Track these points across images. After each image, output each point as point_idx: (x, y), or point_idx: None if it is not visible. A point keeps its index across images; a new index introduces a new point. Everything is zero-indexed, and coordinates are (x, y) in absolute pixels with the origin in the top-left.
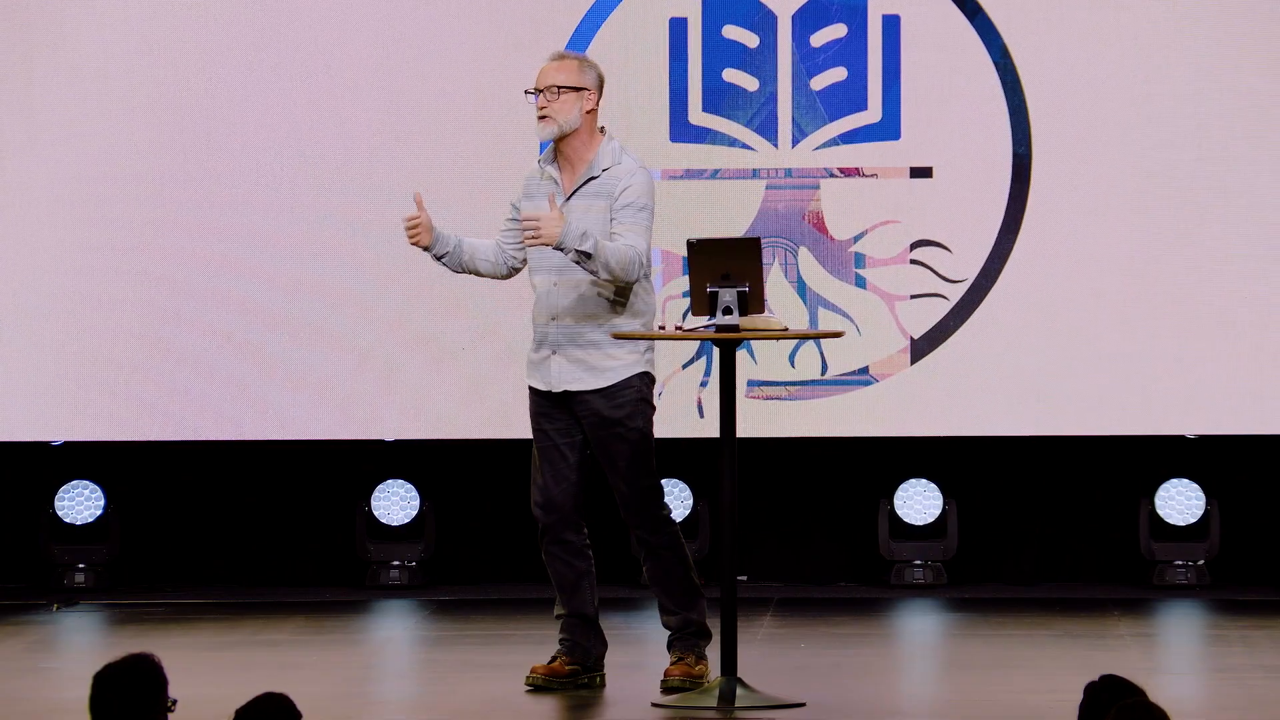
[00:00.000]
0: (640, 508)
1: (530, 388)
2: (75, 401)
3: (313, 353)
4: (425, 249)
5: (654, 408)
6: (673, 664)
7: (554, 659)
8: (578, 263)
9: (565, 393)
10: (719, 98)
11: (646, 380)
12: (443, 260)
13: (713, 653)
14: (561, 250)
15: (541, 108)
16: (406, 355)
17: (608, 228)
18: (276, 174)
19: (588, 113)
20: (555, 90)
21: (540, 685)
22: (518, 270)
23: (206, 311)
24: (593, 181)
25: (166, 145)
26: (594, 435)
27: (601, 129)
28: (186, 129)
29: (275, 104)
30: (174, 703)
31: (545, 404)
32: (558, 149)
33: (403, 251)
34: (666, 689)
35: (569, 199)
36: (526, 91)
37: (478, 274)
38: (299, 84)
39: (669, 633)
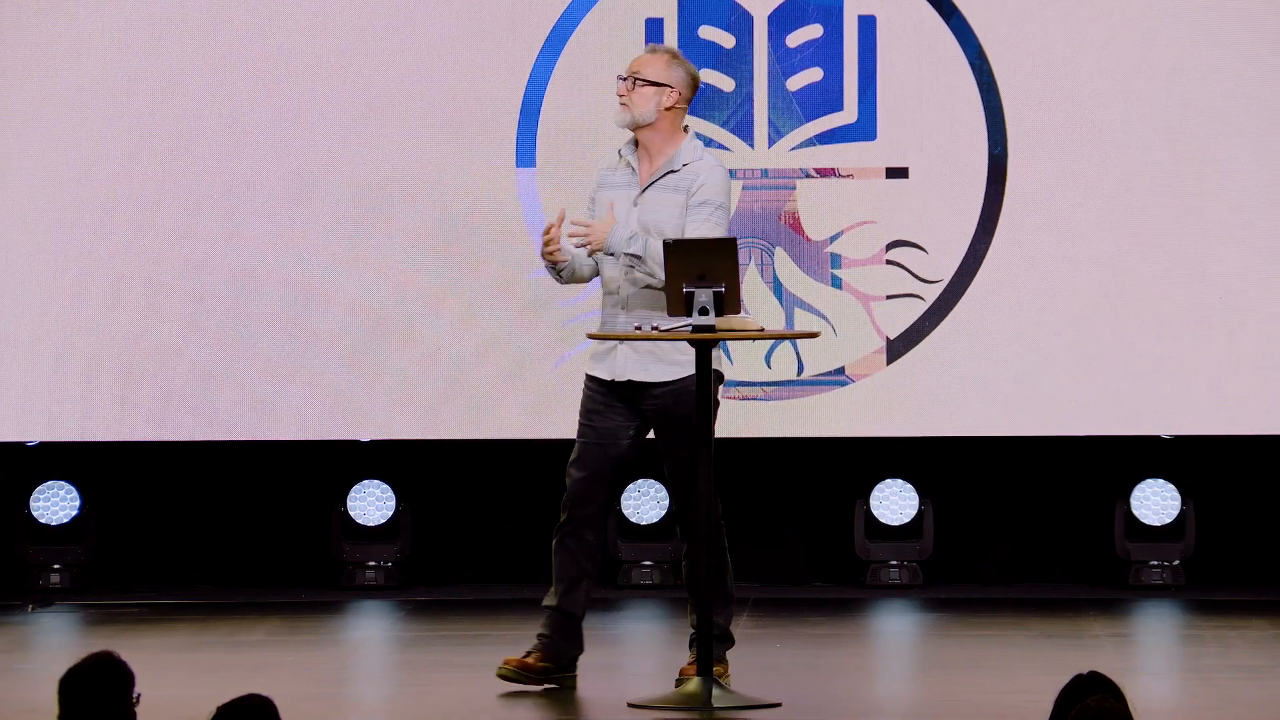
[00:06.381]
0: (694, 505)
1: (589, 379)
2: (51, 402)
3: (289, 353)
4: (556, 264)
5: (718, 404)
6: (690, 663)
7: (529, 654)
8: (630, 266)
9: (630, 384)
10: (695, 98)
11: (715, 378)
12: (561, 274)
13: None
14: (611, 255)
15: (620, 94)
16: (383, 355)
17: (681, 222)
18: (252, 174)
19: (667, 109)
20: (634, 81)
21: (511, 677)
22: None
23: (183, 312)
24: (672, 175)
25: (143, 145)
26: (659, 429)
27: (685, 128)
28: (163, 130)
29: (251, 104)
30: (138, 697)
31: (603, 397)
32: (637, 139)
33: (380, 250)
34: (678, 684)
35: (645, 190)
36: (619, 76)
37: (583, 280)
38: (277, 84)
39: (692, 631)
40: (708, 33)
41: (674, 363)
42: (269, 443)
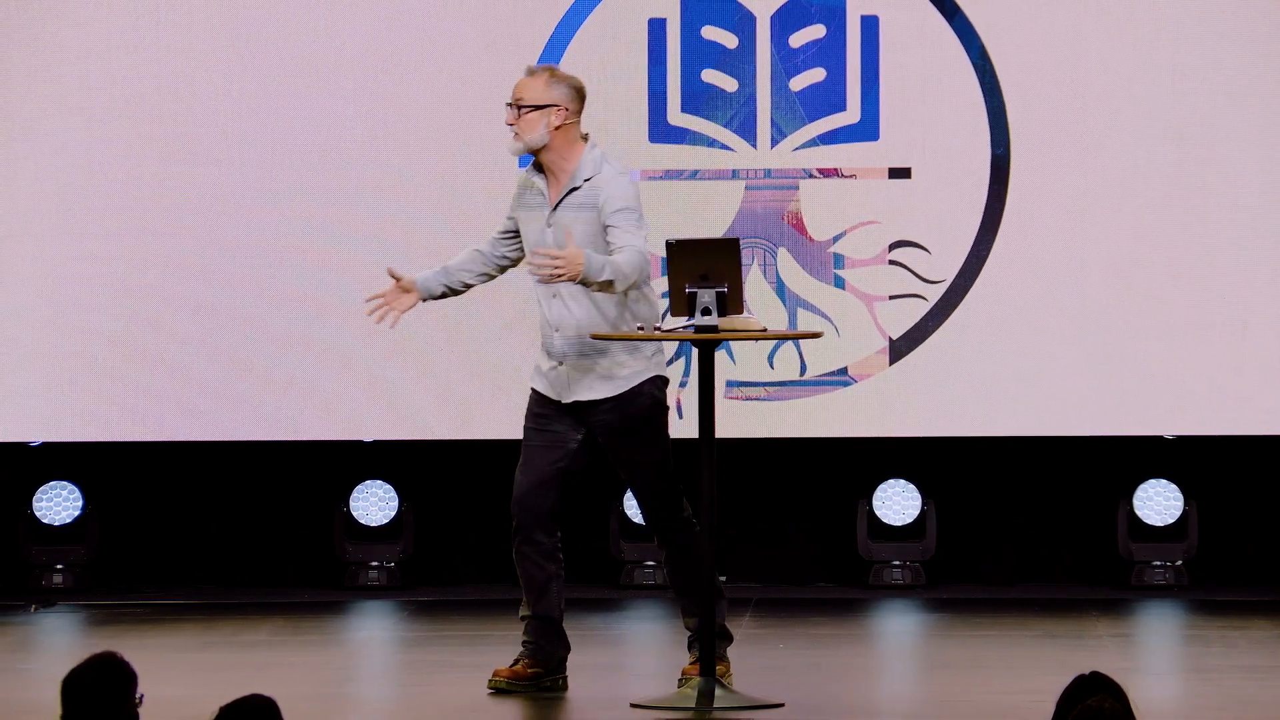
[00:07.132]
0: (661, 510)
1: (534, 391)
2: (54, 402)
3: (292, 354)
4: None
5: (668, 409)
6: (691, 663)
7: (516, 662)
8: (601, 290)
9: (576, 403)
10: (698, 98)
11: (659, 383)
12: (439, 299)
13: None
14: (585, 285)
15: (509, 123)
16: (386, 357)
17: (597, 239)
18: (255, 177)
19: (556, 128)
20: (517, 109)
21: (503, 688)
22: (508, 266)
23: (186, 313)
24: (575, 192)
25: (146, 150)
26: (610, 443)
27: (585, 136)
28: (166, 134)
29: (253, 107)
30: (141, 697)
31: (547, 408)
32: (538, 159)
33: (380, 253)
34: (681, 684)
35: (554, 209)
36: (506, 104)
37: (470, 287)
38: (279, 87)
39: (689, 633)
40: (711, 33)
41: (618, 378)
42: (272, 443)
